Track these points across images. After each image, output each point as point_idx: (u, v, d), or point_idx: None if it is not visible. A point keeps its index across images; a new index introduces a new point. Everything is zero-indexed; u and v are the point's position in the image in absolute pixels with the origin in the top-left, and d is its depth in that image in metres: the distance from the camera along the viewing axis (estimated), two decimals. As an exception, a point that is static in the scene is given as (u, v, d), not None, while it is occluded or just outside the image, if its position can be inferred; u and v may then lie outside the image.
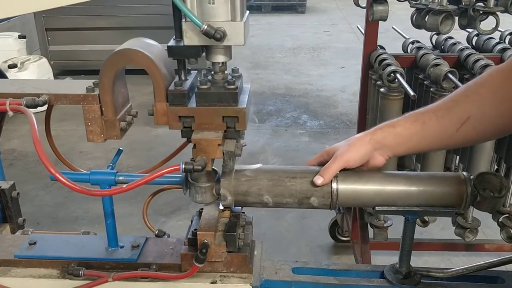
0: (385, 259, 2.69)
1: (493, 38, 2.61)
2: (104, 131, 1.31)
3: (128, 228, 3.11)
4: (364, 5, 2.35)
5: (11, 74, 5.24)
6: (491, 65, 2.13)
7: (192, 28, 1.19)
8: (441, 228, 3.25)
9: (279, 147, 4.73)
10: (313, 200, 1.31)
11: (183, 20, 1.21)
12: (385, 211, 1.33)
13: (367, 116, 2.54)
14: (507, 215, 2.40)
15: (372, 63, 2.43)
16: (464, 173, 1.32)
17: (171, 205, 3.73)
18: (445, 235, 3.10)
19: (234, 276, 1.41)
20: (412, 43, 2.60)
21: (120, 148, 1.50)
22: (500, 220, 2.41)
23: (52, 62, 6.24)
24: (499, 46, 2.46)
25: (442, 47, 2.65)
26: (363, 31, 2.54)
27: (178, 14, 1.22)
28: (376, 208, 1.32)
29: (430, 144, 1.30)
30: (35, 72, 5.53)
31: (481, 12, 2.07)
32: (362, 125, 2.61)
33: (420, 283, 1.41)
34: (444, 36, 2.66)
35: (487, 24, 2.27)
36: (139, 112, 1.45)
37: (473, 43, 2.68)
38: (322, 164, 1.34)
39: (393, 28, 2.98)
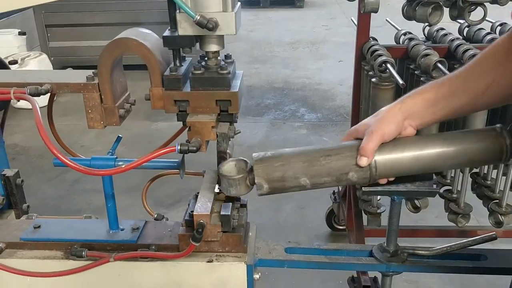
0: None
1: (483, 29, 2.66)
2: (104, 118, 1.38)
3: (129, 218, 3.19)
4: (355, -3, 2.41)
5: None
6: (478, 54, 2.19)
7: (186, 18, 1.26)
8: (436, 216, 3.32)
9: (277, 139, 4.79)
10: (352, 176, 1.28)
11: (177, 11, 1.27)
12: (371, 192, 1.40)
13: (361, 106, 2.60)
14: (497, 201, 2.47)
15: (364, 54, 2.49)
16: (498, 125, 1.30)
17: (172, 197, 3.80)
18: (441, 223, 3.17)
19: (229, 256, 1.49)
20: (404, 34, 2.66)
21: (120, 135, 1.57)
22: (489, 206, 2.48)
23: (52, 58, 6.31)
24: (489, 37, 2.52)
25: (434, 38, 2.70)
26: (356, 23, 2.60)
27: (172, 5, 1.29)
28: (363, 189, 1.38)
29: (458, 106, 1.27)
30: (36, 68, 5.60)
31: (470, 3, 2.12)
32: (356, 115, 2.67)
33: (406, 261, 1.48)
34: (436, 28, 2.72)
35: (479, 15, 2.33)
36: (139, 106, 1.51)
37: (464, 34, 2.74)
38: None
39: (386, 20, 3.04)
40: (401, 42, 2.67)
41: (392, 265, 1.48)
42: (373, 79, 2.28)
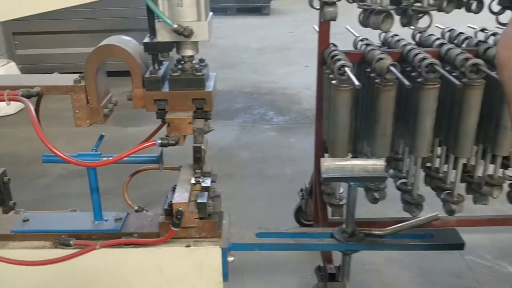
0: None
1: (434, 34, 2.91)
2: (90, 117, 1.52)
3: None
4: (317, 7, 2.61)
5: (-20, 78, 5.31)
6: (427, 58, 2.41)
7: (164, 27, 1.42)
8: (396, 210, 3.56)
9: (247, 142, 4.96)
10: None
11: (156, 20, 1.43)
12: (331, 179, 1.59)
13: (324, 107, 2.80)
14: (449, 191, 2.71)
15: (325, 59, 2.69)
16: None
17: (143, 200, 3.90)
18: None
19: (205, 241, 1.65)
20: (361, 40, 2.88)
21: (102, 134, 1.71)
22: (442, 196, 2.72)
23: (20, 66, 6.32)
24: (438, 42, 2.76)
25: (389, 43, 2.93)
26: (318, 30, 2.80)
27: (151, 15, 1.45)
28: (323, 176, 1.57)
29: None
30: (4, 76, 5.62)
31: (417, 11, 2.35)
32: (320, 115, 2.87)
33: (363, 240, 1.67)
34: (391, 34, 2.95)
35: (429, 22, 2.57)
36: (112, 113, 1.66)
37: (417, 39, 2.99)
38: None
39: (345, 27, 3.25)
40: (358, 48, 2.89)
41: (351, 244, 1.67)
42: (333, 82, 2.48)
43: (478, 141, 2.68)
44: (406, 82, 2.16)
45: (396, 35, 2.93)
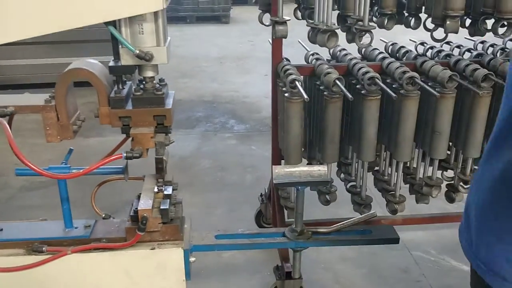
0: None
1: (377, 49, 3.17)
2: (60, 133, 1.67)
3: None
4: (267, 23, 2.82)
5: None
6: (369, 72, 2.65)
7: (127, 52, 1.59)
8: (349, 211, 3.80)
9: (208, 150, 5.11)
10: None
11: (120, 46, 1.60)
12: (281, 184, 1.78)
13: (278, 117, 3.01)
14: (392, 192, 2.96)
15: (279, 72, 2.90)
16: None
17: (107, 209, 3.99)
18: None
19: (168, 243, 1.81)
20: (312, 54, 3.11)
21: (71, 148, 1.86)
22: (386, 197, 2.97)
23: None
24: (380, 56, 3.02)
25: (337, 57, 3.17)
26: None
27: (116, 41, 1.61)
28: (274, 181, 1.77)
29: None
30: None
31: (359, 30, 2.59)
32: (275, 124, 3.07)
33: (311, 237, 1.88)
34: (339, 48, 3.19)
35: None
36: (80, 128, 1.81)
37: (363, 53, 3.24)
38: None
39: (298, 41, 3.48)
40: (309, 62, 3.12)
41: (300, 242, 1.87)
42: (286, 94, 2.69)
43: (418, 145, 2.95)
44: (349, 95, 2.38)
45: (344, 49, 3.18)
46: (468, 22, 2.80)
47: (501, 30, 2.67)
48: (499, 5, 2.49)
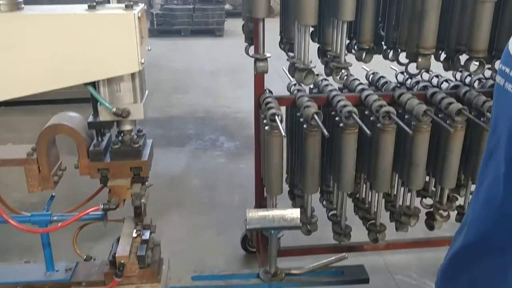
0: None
1: (358, 79, 3.25)
2: (41, 184, 1.75)
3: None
4: (252, 54, 2.89)
5: None
6: (347, 105, 2.73)
7: (105, 109, 1.67)
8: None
9: (198, 169, 5.18)
10: None
11: (98, 103, 1.68)
12: (254, 229, 1.86)
13: (261, 147, 3.09)
14: (372, 221, 3.04)
15: (261, 104, 2.97)
16: None
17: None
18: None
19: (146, 286, 1.89)
20: (294, 85, 3.19)
21: (53, 194, 1.94)
22: (367, 226, 3.05)
23: None
24: (360, 87, 3.09)
25: (318, 87, 3.25)
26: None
27: (94, 98, 1.69)
28: (247, 227, 1.85)
29: None
30: None
31: (336, 67, 2.67)
32: (258, 154, 3.15)
33: (284, 279, 1.95)
34: (321, 78, 3.28)
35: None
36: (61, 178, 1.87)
37: (342, 84, 3.32)
38: None
39: (283, 69, 3.56)
40: (291, 91, 3.20)
41: (273, 284, 1.95)
42: (266, 127, 2.76)
43: (397, 175, 3.03)
44: (325, 132, 2.46)
45: (325, 79, 3.26)
46: (443, 56, 2.89)
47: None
48: (470, 44, 2.58)
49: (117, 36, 1.51)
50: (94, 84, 1.61)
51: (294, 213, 1.86)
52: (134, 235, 1.86)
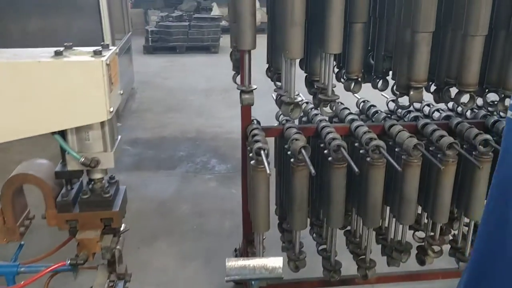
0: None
1: (348, 109, 3.17)
2: (6, 235, 1.65)
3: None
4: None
5: None
6: (336, 139, 2.65)
7: (73, 158, 1.58)
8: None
9: (188, 194, 5.07)
10: None
11: (66, 152, 1.59)
12: (233, 280, 1.77)
13: (247, 180, 3.00)
14: (362, 257, 2.95)
15: (247, 135, 2.89)
16: None
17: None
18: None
19: None
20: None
21: (22, 243, 1.84)
22: (357, 261, 2.96)
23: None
24: (349, 117, 3.02)
25: (308, 115, 3.17)
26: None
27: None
28: (226, 278, 1.75)
29: None
30: None
31: (323, 100, 2.60)
32: (245, 190, 3.05)
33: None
34: (310, 106, 3.20)
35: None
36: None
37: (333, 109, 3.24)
38: None
39: (272, 96, 3.48)
40: (280, 121, 3.12)
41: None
42: (252, 162, 2.67)
43: (388, 208, 2.95)
44: (312, 170, 2.37)
45: (315, 108, 3.18)
46: (433, 87, 2.82)
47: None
48: (459, 78, 2.50)
49: (83, 84, 1.44)
50: (62, 133, 1.52)
51: (276, 262, 1.77)
52: (106, 286, 1.76)
